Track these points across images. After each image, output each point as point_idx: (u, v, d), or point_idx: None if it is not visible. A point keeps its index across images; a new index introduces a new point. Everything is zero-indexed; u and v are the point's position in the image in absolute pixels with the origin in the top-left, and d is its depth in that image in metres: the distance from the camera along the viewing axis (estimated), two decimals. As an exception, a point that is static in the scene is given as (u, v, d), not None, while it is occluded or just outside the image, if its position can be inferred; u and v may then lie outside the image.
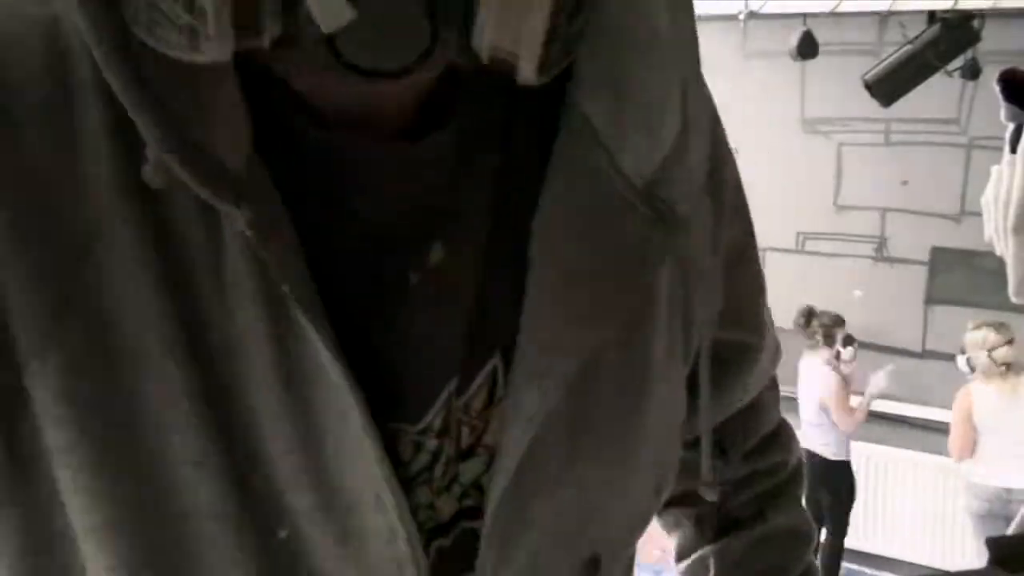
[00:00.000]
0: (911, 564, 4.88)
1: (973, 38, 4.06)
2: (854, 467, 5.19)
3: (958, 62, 4.14)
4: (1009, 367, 4.07)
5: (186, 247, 0.46)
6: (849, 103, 4.95)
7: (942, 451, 5.11)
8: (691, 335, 0.63)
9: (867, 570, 5.31)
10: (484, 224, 0.54)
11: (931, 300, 5.05)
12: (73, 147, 0.45)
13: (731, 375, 0.75)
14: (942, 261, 4.99)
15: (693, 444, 0.65)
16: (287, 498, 0.48)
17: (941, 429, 5.09)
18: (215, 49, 0.41)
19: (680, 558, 0.85)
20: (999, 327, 4.15)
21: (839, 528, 4.58)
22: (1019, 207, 3.86)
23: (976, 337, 4.15)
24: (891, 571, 5.22)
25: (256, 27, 0.41)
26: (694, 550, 0.84)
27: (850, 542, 5.24)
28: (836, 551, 4.62)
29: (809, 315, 4.56)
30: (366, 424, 0.47)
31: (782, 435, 0.87)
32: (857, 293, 5.21)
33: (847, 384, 4.43)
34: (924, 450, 5.10)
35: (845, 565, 5.37)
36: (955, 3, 3.95)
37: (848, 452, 4.51)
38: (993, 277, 4.34)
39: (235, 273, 0.46)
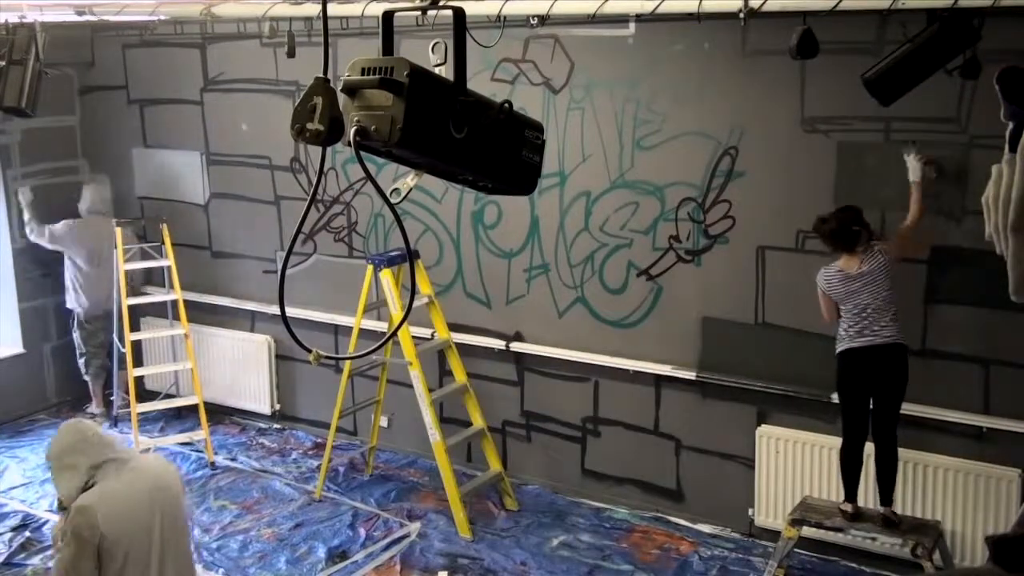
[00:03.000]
0: (912, 562, 4.88)
1: (973, 37, 4.06)
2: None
3: (958, 61, 4.13)
4: None
5: None
6: (849, 102, 4.95)
7: (942, 449, 5.12)
8: None
9: (866, 569, 5.31)
10: None
11: (931, 299, 5.04)
12: None
13: None
14: (942, 260, 4.98)
15: None
16: None
17: (940, 427, 5.10)
18: None
19: None
20: None
21: None
22: (1019, 205, 3.87)
23: None
24: (890, 569, 5.23)
25: None
26: None
27: (849, 540, 5.25)
28: None
29: None
30: None
31: None
32: (857, 292, 5.21)
33: None
34: (924, 448, 5.09)
35: (845, 564, 5.38)
36: (955, 3, 3.95)
37: None
38: (992, 276, 4.35)
39: None
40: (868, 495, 5.04)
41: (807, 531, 5.10)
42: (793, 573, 5.27)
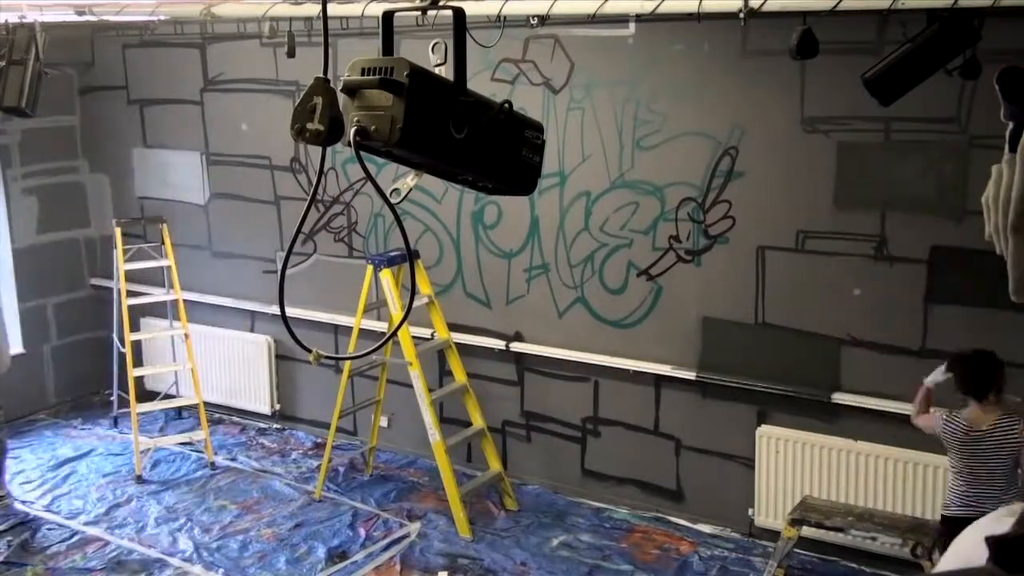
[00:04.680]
0: (912, 562, 4.88)
1: (973, 37, 4.06)
2: (854, 464, 5.20)
3: (958, 61, 4.13)
4: None
5: None
6: (849, 102, 4.95)
7: (942, 449, 5.11)
8: None
9: (866, 569, 5.31)
10: None
11: (931, 299, 5.04)
12: None
13: None
14: (942, 260, 4.99)
15: None
16: None
17: (941, 428, 5.09)
18: None
19: None
20: None
21: None
22: (1019, 205, 3.87)
23: None
24: (890, 570, 5.23)
25: None
26: None
27: (849, 540, 5.25)
28: None
29: None
30: None
31: None
32: (856, 292, 5.21)
33: None
34: (924, 448, 5.09)
35: (845, 564, 5.37)
36: (955, 3, 3.94)
37: None
38: (992, 276, 4.35)
39: None
40: (868, 495, 5.04)
41: (807, 531, 5.10)
42: (793, 573, 5.27)
